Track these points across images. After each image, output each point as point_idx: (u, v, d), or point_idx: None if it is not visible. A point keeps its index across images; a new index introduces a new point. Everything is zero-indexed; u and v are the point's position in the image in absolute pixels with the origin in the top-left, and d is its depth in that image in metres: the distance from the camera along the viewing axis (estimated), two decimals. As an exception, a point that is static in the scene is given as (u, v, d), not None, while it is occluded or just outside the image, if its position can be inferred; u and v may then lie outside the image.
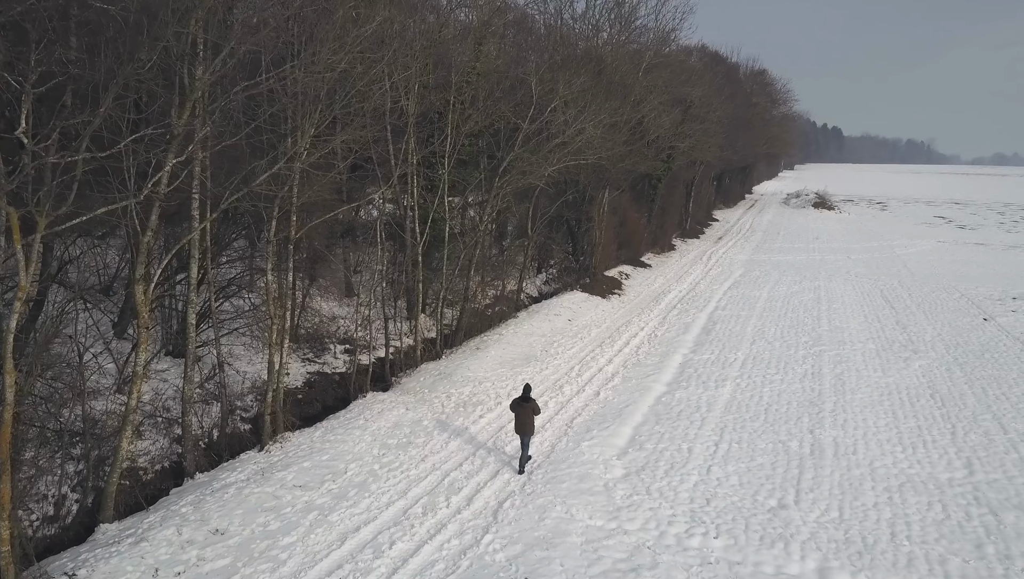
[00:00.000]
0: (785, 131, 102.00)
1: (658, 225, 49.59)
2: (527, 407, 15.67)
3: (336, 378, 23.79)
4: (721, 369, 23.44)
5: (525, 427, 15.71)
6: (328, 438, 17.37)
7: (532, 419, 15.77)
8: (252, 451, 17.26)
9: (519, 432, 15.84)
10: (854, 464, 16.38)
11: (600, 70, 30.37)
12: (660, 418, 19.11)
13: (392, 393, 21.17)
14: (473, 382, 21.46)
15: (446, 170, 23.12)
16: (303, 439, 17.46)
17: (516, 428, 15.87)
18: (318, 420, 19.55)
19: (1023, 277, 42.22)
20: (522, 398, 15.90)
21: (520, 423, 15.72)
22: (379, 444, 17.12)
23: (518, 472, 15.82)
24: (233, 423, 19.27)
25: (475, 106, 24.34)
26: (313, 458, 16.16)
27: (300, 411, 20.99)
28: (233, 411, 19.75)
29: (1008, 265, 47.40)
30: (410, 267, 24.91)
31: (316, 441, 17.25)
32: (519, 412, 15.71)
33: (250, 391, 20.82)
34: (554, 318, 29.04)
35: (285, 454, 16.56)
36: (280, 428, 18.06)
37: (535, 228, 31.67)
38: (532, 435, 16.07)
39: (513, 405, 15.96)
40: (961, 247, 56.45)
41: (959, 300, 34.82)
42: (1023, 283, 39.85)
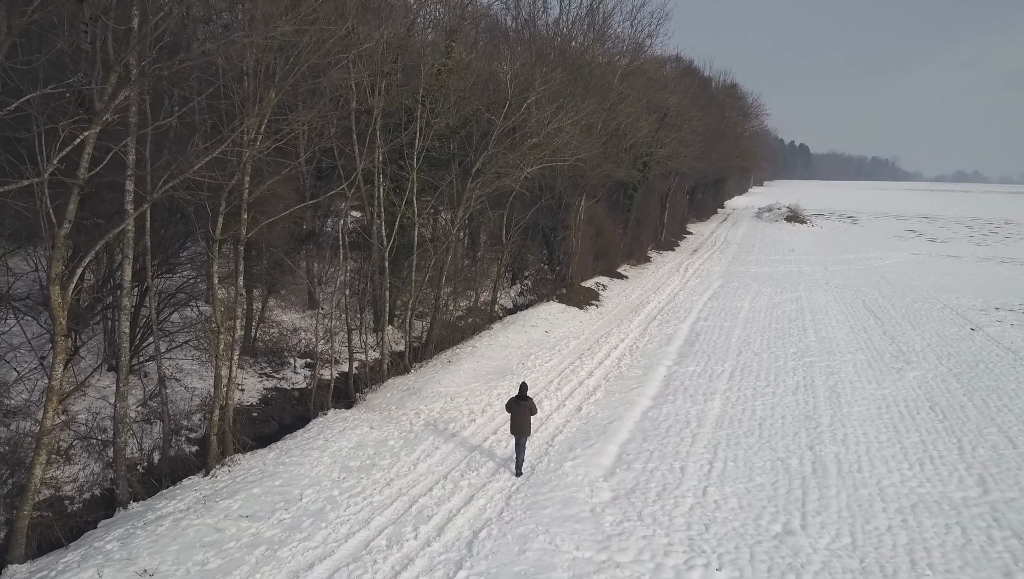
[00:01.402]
0: (757, 145, 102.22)
1: (634, 236, 48.45)
2: (524, 406, 15.11)
3: (296, 394, 21.98)
4: (709, 382, 22.06)
5: (522, 427, 15.12)
6: (283, 460, 15.61)
7: (529, 419, 15.20)
8: (196, 476, 15.43)
9: (515, 433, 15.23)
10: (860, 483, 15.02)
11: (576, 67, 29.10)
12: (648, 434, 17.62)
13: (356, 410, 19.46)
14: (444, 398, 19.82)
15: (414, 169, 21.56)
16: (254, 462, 15.68)
17: (512, 429, 15.25)
18: (274, 440, 17.78)
19: (1000, 288, 41.74)
20: (519, 397, 15.32)
21: (516, 423, 15.14)
22: (339, 467, 15.40)
23: (515, 474, 15.19)
24: (177, 445, 17.40)
25: (446, 103, 22.85)
26: (264, 483, 14.39)
27: (254, 430, 19.17)
28: (178, 431, 17.87)
29: (983, 276, 47.05)
30: (377, 275, 23.24)
31: (269, 464, 15.48)
32: (515, 412, 15.13)
33: (199, 409, 18.95)
34: (530, 330, 27.52)
35: (233, 479, 14.77)
36: (229, 450, 16.26)
37: (510, 236, 30.20)
38: (529, 436, 15.45)
39: (509, 405, 15.39)
40: (935, 259, 56.19)
41: (942, 310, 34.01)
42: (1002, 294, 39.29)
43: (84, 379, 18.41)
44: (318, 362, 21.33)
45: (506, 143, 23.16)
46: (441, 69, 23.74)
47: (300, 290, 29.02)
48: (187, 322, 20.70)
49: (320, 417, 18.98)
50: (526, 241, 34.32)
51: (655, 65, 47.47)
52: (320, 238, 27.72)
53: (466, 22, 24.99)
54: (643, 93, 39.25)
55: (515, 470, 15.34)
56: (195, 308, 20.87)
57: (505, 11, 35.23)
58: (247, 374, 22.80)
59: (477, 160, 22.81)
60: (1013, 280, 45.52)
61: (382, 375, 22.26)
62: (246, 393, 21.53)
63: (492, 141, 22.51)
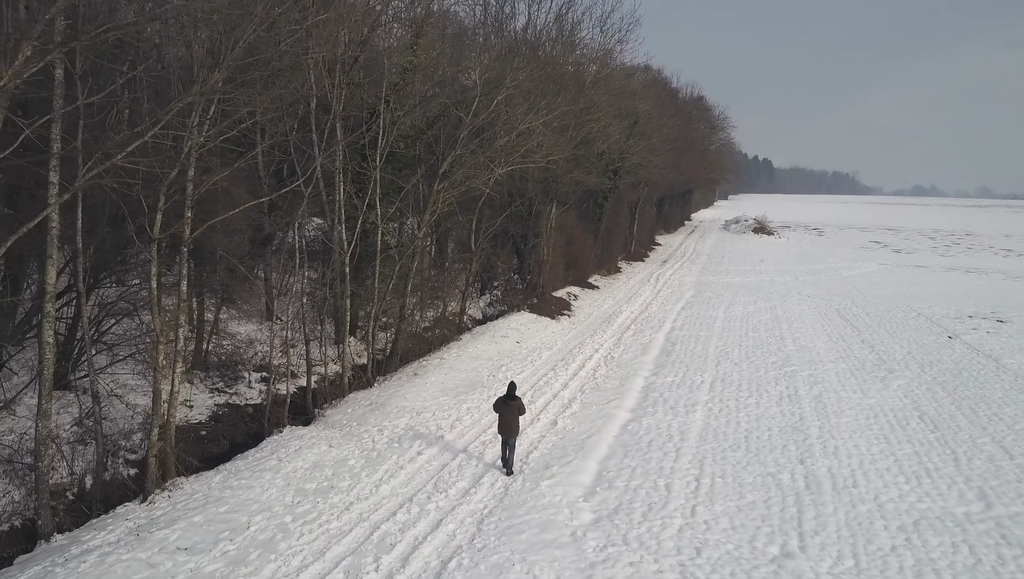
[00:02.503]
0: (723, 157, 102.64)
1: (604, 246, 47.61)
2: (512, 406, 14.79)
3: (249, 411, 20.47)
4: (689, 392, 21.02)
5: (510, 428, 14.82)
6: (230, 484, 14.14)
7: (517, 419, 14.91)
8: (132, 503, 13.89)
9: (503, 433, 14.93)
10: (858, 499, 14.01)
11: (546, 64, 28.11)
12: (628, 450, 16.46)
13: (314, 427, 18.04)
14: (410, 413, 18.48)
15: (377, 168, 20.29)
16: (199, 486, 14.18)
17: (500, 429, 14.95)
18: (224, 461, 16.27)
19: (970, 297, 41.60)
20: (507, 396, 15.02)
21: (504, 423, 14.82)
22: (293, 490, 13.97)
23: (506, 474, 14.92)
24: (114, 468, 15.80)
25: (411, 102, 21.66)
26: (208, 510, 12.91)
27: (202, 450, 17.64)
28: (115, 453, 16.26)
29: (951, 285, 47.04)
30: (338, 283, 21.83)
31: (215, 488, 13.99)
32: (504, 411, 14.81)
33: (140, 428, 17.34)
34: (501, 340, 26.28)
35: (173, 506, 13.26)
36: (171, 473, 14.74)
37: (479, 243, 29.00)
38: (517, 436, 15.16)
39: (497, 404, 15.08)
40: (903, 269, 56.24)
41: (917, 319, 33.55)
42: (972, 302, 39.08)
43: (15, 396, 16.80)
44: (273, 376, 19.84)
45: (474, 144, 21.98)
46: (407, 67, 22.57)
47: (258, 300, 27.47)
48: (129, 334, 19.08)
49: (275, 435, 17.52)
50: (496, 249, 33.16)
51: (625, 73, 46.78)
52: (278, 245, 26.26)
53: (433, 18, 23.81)
54: (613, 100, 38.49)
55: (505, 470, 14.99)
56: (138, 318, 19.27)
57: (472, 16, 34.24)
58: (197, 389, 21.21)
59: (445, 160, 21.59)
60: (981, 289, 45.51)
61: (343, 389, 20.84)
62: (195, 410, 19.96)
63: (461, 141, 21.31)
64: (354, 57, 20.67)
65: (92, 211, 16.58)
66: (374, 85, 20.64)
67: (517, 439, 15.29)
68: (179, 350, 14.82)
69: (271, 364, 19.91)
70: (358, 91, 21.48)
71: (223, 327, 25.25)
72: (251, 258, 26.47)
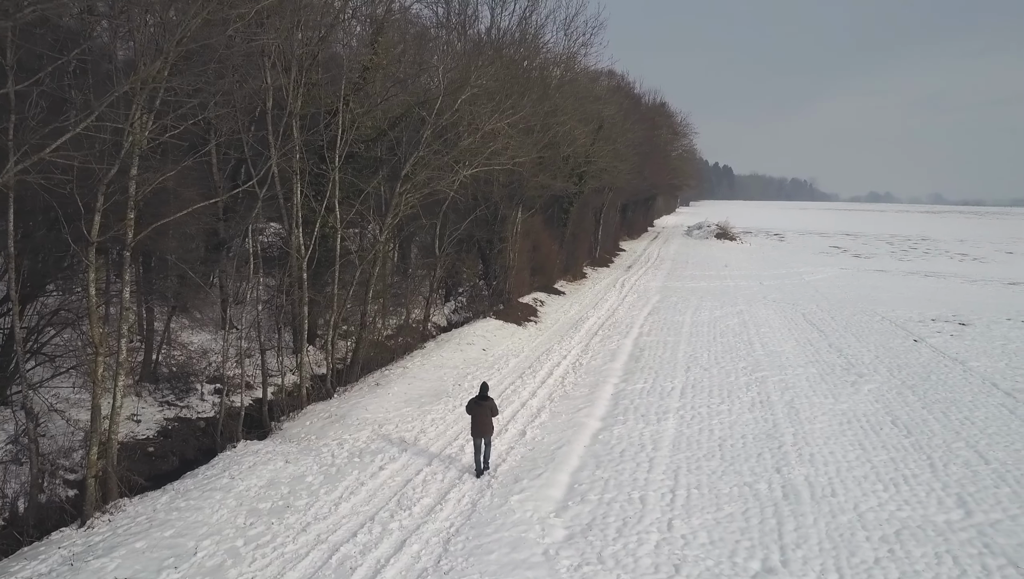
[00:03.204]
0: (686, 163, 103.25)
1: (570, 252, 47.16)
2: (485, 406, 14.74)
3: (201, 425, 19.46)
4: (660, 399, 20.51)
5: (484, 428, 14.74)
6: (177, 505, 13.17)
7: (491, 420, 14.84)
8: (70, 528, 12.84)
9: (476, 434, 14.79)
10: (837, 509, 13.57)
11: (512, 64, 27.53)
12: (600, 461, 15.85)
13: (270, 442, 17.09)
14: (372, 425, 17.64)
15: (336, 169, 19.45)
16: (143, 508, 13.20)
17: (473, 430, 14.81)
18: (173, 479, 15.28)
19: (931, 300, 42.03)
20: (479, 397, 14.98)
21: (478, 425, 14.71)
22: (246, 510, 13.07)
23: (476, 475, 14.83)
24: (51, 489, 14.74)
25: (371, 103, 20.87)
26: (151, 535, 11.95)
27: (149, 468, 16.62)
28: (53, 473, 15.18)
29: (912, 289, 47.56)
30: (296, 289, 20.90)
31: (160, 510, 13.03)
32: (477, 412, 14.72)
33: (82, 445, 16.24)
34: (467, 348, 25.54)
35: (113, 530, 12.27)
36: (113, 494, 13.70)
37: (443, 249, 28.23)
38: (491, 435, 15.08)
39: (470, 406, 15.00)
40: (864, 273, 56.82)
41: (882, 322, 33.64)
42: (933, 306, 39.43)
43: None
44: (227, 388, 18.85)
45: (438, 144, 21.26)
46: (368, 65, 21.79)
47: (213, 308, 26.34)
48: (71, 345, 17.92)
49: (228, 451, 16.54)
50: (461, 254, 32.43)
51: (589, 78, 46.49)
52: (235, 251, 25.20)
53: (394, 16, 23.06)
54: (579, 105, 38.10)
55: (476, 472, 14.89)
56: (80, 329, 18.12)
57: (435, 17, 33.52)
58: (145, 403, 20.12)
59: (407, 162, 20.82)
60: (941, 292, 46.09)
61: (301, 401, 19.89)
62: (142, 425, 18.88)
63: (424, 141, 20.56)
64: (312, 54, 19.84)
65: (30, 214, 15.52)
66: (333, 82, 19.79)
67: (492, 438, 15.26)
68: (121, 362, 13.80)
69: (225, 375, 18.92)
70: (317, 90, 20.65)
71: (175, 337, 24.13)
72: (205, 264, 25.40)
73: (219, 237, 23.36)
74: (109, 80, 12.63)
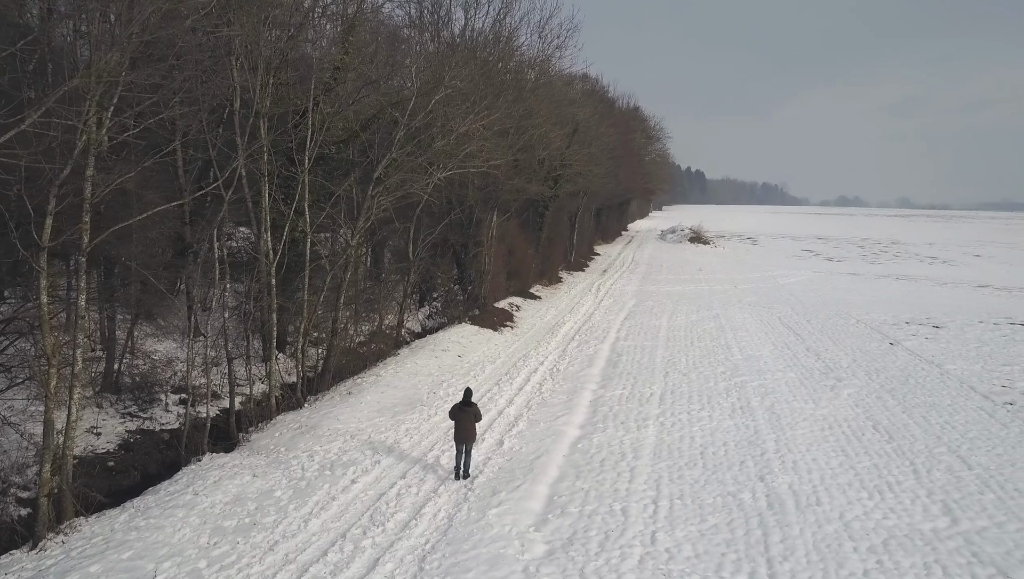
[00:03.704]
0: (659, 168, 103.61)
1: (545, 256, 46.80)
2: (469, 412, 14.68)
3: (165, 437, 18.69)
4: (639, 406, 20.14)
5: (466, 434, 14.68)
6: (137, 524, 12.48)
7: (474, 425, 14.83)
8: (21, 550, 12.12)
9: (459, 440, 14.72)
10: (823, 518, 13.24)
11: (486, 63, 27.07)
12: (580, 471, 15.40)
13: (237, 454, 16.43)
14: (343, 436, 17.03)
15: (305, 171, 18.84)
16: (100, 528, 12.50)
17: (456, 436, 14.74)
18: (134, 495, 14.57)
19: (903, 303, 42.23)
20: (463, 403, 14.83)
21: (461, 430, 14.63)
22: (210, 528, 12.41)
23: (456, 478, 14.76)
24: (2, 508, 13.94)
25: (342, 104, 20.29)
26: (107, 557, 11.26)
27: (109, 484, 15.87)
28: (4, 490, 14.39)
29: (884, 292, 47.84)
30: (265, 295, 20.22)
31: (118, 529, 12.34)
32: (460, 418, 14.64)
33: (37, 460, 15.43)
34: (442, 354, 24.98)
35: (67, 553, 11.56)
36: (68, 513, 12.99)
37: (417, 253, 27.66)
38: (474, 442, 15.10)
39: (453, 411, 14.88)
40: (837, 277, 57.13)
41: (857, 325, 33.65)
42: (907, 309, 39.61)
43: None
44: (192, 397, 18.11)
45: (409, 146, 20.71)
46: (339, 65, 21.21)
47: (179, 315, 25.49)
48: (25, 355, 17.07)
49: (192, 464, 15.85)
50: (435, 259, 31.88)
51: (564, 81, 46.23)
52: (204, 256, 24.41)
53: (365, 15, 22.50)
54: (554, 108, 37.79)
55: (456, 475, 14.80)
56: (33, 338, 17.28)
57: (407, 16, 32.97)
58: (107, 414, 19.31)
59: (380, 164, 20.26)
60: (913, 295, 46.40)
61: (270, 411, 19.23)
62: (103, 438, 18.09)
63: (396, 143, 20.02)
64: (282, 54, 19.24)
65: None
66: (303, 81, 19.18)
67: (474, 445, 15.31)
68: (77, 373, 13.07)
69: (190, 385, 18.18)
70: (286, 90, 20.04)
71: (139, 345, 23.31)
72: (170, 270, 24.61)
73: (185, 242, 22.60)
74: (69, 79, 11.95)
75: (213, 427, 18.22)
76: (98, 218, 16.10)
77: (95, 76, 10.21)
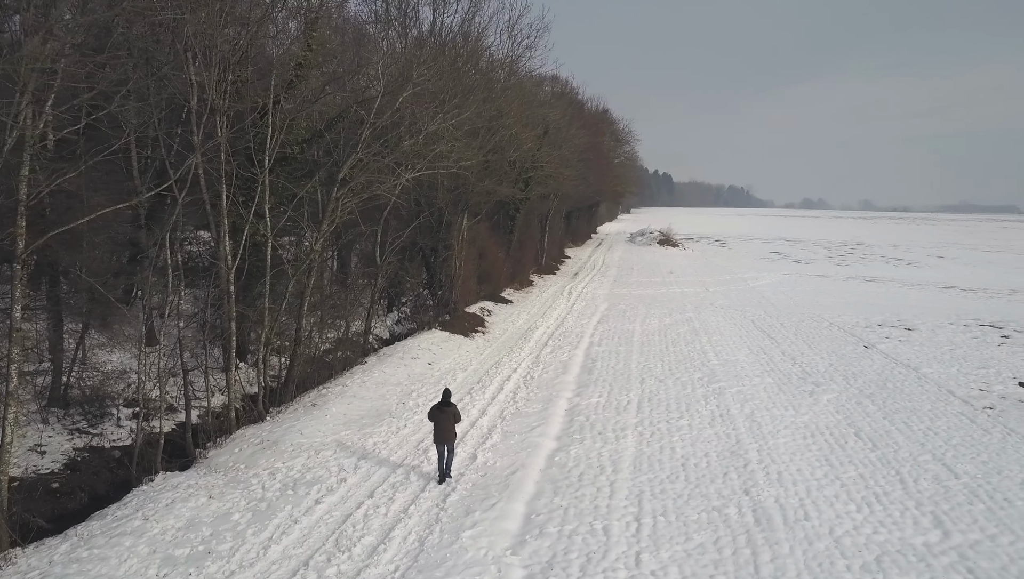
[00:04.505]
0: (628, 170, 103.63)
1: (517, 259, 46.11)
2: (448, 413, 14.59)
3: (116, 455, 17.57)
4: (616, 415, 19.49)
5: (447, 435, 14.55)
6: (79, 555, 11.46)
7: (453, 426, 14.67)
8: (-54, 588, 11.01)
9: (439, 442, 14.59)
10: (813, 534, 12.67)
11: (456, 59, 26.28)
12: (558, 486, 14.67)
13: (193, 472, 15.42)
14: (307, 451, 16.10)
15: (265, 171, 17.89)
16: (38, 560, 11.44)
17: (436, 438, 14.58)
18: (80, 520, 13.50)
19: (873, 305, 42.29)
20: (442, 403, 14.77)
21: (440, 432, 14.49)
22: (160, 558, 11.44)
23: (439, 481, 14.61)
24: (-69, 538, 12.76)
25: (306, 97, 19.35)
26: (43, 595, 10.25)
27: (53, 507, 14.78)
28: (-65, 519, 13.20)
29: (853, 294, 47.96)
30: (225, 302, 19.18)
31: (58, 561, 11.30)
32: (440, 419, 14.52)
33: (-28, 484, 14.29)
34: (411, 362, 24.10)
35: (-1, 591, 10.51)
36: (3, 543, 11.89)
37: (385, 257, 26.75)
38: (454, 442, 14.98)
39: (432, 412, 14.74)
40: (806, 279, 57.28)
41: (830, 328, 33.45)
42: (877, 311, 39.63)
43: None
44: (143, 411, 17.02)
45: (376, 146, 19.84)
46: (302, 62, 20.26)
47: (135, 324, 24.25)
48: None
49: (144, 485, 14.79)
50: (404, 263, 30.95)
51: (534, 82, 45.61)
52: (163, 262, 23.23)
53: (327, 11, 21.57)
54: (524, 109, 37.13)
55: (439, 478, 14.66)
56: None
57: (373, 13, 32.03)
58: (53, 431, 18.13)
59: (345, 165, 19.35)
60: (882, 297, 46.56)
61: (230, 425, 18.20)
62: (47, 456, 16.92)
63: (362, 143, 19.13)
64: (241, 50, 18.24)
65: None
66: (263, 77, 18.22)
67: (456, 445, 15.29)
68: (12, 391, 11.99)
69: (141, 398, 17.09)
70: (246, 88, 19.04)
71: (91, 356, 22.10)
72: (120, 277, 23.40)
73: (139, 247, 21.46)
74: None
75: (168, 443, 17.16)
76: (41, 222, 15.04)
77: (26, 63, 9.23)
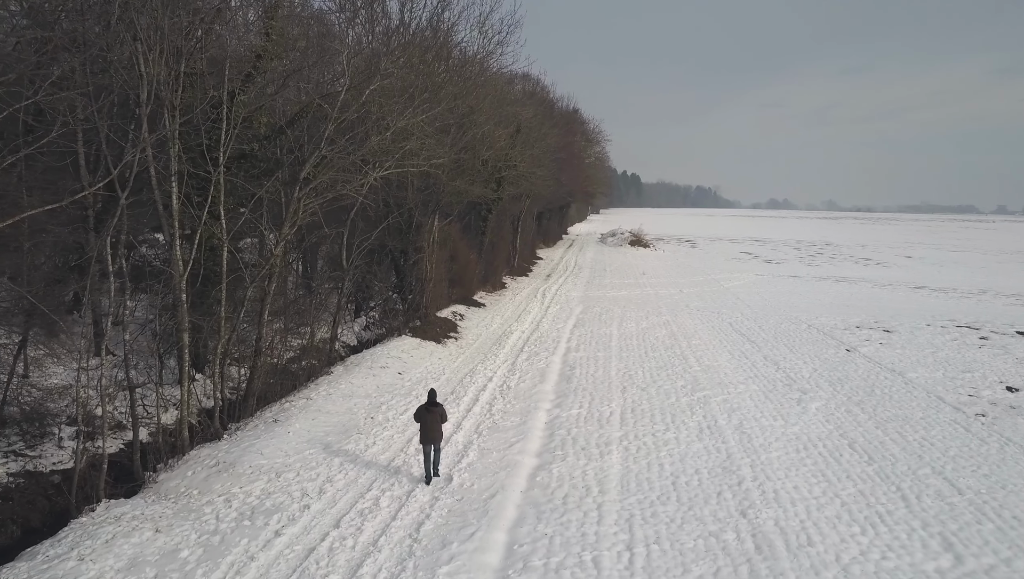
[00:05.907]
0: (599, 171, 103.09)
1: (489, 261, 44.90)
2: (435, 413, 14.62)
3: (55, 480, 15.99)
4: (599, 428, 18.43)
5: (433, 435, 14.55)
6: (0, 605, 10.04)
7: (440, 426, 14.69)
8: None
9: (426, 441, 14.56)
10: (819, 563, 11.70)
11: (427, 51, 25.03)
12: (542, 511, 13.53)
13: (140, 500, 14.02)
14: (267, 474, 14.77)
15: (220, 168, 16.49)
16: (-49, 612, 10.00)
17: (422, 438, 14.55)
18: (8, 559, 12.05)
19: (848, 306, 41.93)
20: (429, 404, 14.79)
21: (427, 431, 14.48)
22: (95, 608, 10.07)
23: (426, 482, 14.60)
24: None
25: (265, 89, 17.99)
26: (-47, 659, 8.84)
27: (-22, 544, 13.21)
28: None
29: (827, 295, 47.63)
30: (178, 309, 17.70)
31: (-25, 614, 9.87)
32: (427, 419, 14.53)
33: None
34: (380, 372, 22.78)
35: (-100, 653, 9.07)
36: (-87, 592, 10.41)
37: (352, 260, 25.39)
38: (441, 442, 14.96)
39: (419, 413, 14.72)
40: (778, 279, 56.95)
41: (809, 331, 32.83)
42: (853, 312, 39.22)
43: None
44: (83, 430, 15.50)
45: (341, 142, 18.52)
46: (261, 54, 18.87)
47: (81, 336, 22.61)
48: None
49: (83, 516, 13.35)
50: (372, 266, 29.58)
51: (506, 80, 44.48)
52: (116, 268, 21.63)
53: None
54: (496, 107, 35.98)
55: (426, 479, 14.64)
56: None
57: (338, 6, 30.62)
58: (-17, 454, 16.51)
59: (308, 163, 18.02)
60: (855, 298, 46.26)
61: (183, 444, 16.75)
62: (-24, 483, 15.33)
63: (326, 139, 17.82)
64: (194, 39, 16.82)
65: None
66: (217, 66, 16.81)
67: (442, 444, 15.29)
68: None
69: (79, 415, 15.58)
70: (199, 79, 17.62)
71: (32, 370, 20.47)
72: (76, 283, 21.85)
73: (87, 251, 19.87)
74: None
75: (114, 465, 15.65)
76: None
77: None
